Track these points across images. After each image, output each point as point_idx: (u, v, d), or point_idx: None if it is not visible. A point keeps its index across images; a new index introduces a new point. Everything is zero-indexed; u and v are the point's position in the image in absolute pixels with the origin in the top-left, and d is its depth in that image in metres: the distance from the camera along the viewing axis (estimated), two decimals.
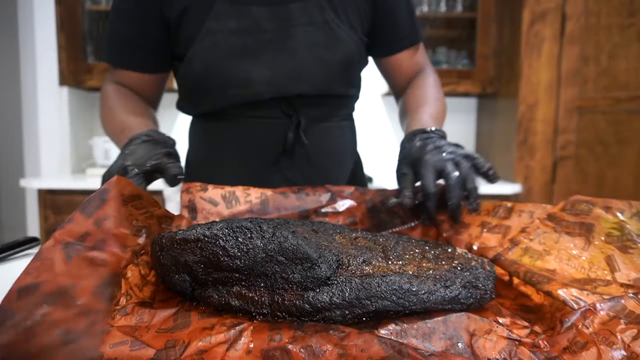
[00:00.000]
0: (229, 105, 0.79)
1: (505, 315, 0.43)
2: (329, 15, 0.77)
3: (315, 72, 0.78)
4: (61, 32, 2.12)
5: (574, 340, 0.35)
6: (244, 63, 0.76)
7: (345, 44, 0.79)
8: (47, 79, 2.18)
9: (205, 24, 0.74)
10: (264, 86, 0.76)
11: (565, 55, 1.99)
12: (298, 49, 0.76)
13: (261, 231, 0.40)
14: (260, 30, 0.75)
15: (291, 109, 0.80)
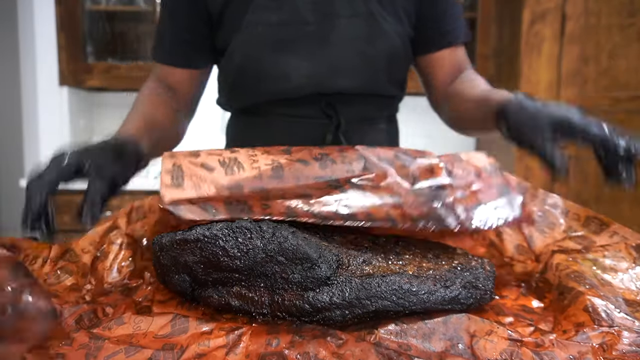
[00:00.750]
0: (267, 101, 0.77)
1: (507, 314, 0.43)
2: (374, 7, 0.73)
3: (356, 67, 0.74)
4: (61, 32, 2.12)
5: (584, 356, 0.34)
6: (283, 55, 0.73)
7: (390, 37, 0.74)
8: (47, 79, 2.18)
9: (246, 16, 0.73)
10: (303, 80, 0.73)
11: (565, 55, 1.99)
12: (340, 41, 0.73)
13: (261, 231, 0.40)
14: (301, 21, 0.73)
15: (331, 108, 0.76)
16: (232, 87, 0.80)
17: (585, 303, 0.41)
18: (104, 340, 0.36)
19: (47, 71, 2.17)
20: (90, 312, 0.40)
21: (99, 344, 0.35)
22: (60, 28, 2.11)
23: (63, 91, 2.19)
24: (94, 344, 0.35)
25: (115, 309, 0.41)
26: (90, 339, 0.36)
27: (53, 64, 2.16)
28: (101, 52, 2.24)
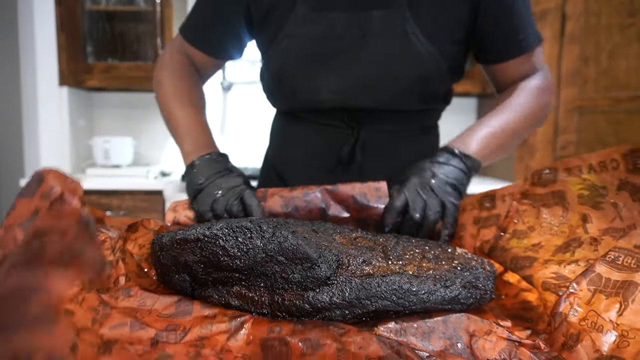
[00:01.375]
0: (297, 108, 0.81)
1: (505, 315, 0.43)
2: (410, 27, 0.72)
3: (383, 87, 0.74)
4: (61, 32, 2.12)
5: (568, 334, 0.35)
6: (314, 69, 0.75)
7: (422, 60, 0.72)
8: (47, 79, 2.18)
9: (284, 27, 0.75)
10: (329, 95, 0.75)
11: (565, 55, 1.99)
12: (370, 59, 0.73)
13: (261, 231, 0.40)
14: (335, 36, 0.73)
15: (354, 121, 0.77)
16: (267, 92, 0.84)
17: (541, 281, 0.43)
18: (111, 309, 0.36)
19: (47, 71, 2.18)
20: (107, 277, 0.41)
21: (107, 312, 0.36)
22: (60, 28, 2.11)
23: (63, 91, 2.19)
24: (102, 310, 0.36)
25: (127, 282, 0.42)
26: (99, 304, 0.36)
27: (53, 64, 2.16)
28: (101, 52, 2.24)
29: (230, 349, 0.34)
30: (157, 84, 0.83)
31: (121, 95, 2.44)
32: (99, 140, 2.19)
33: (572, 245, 0.46)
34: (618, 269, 0.37)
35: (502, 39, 0.75)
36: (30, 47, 2.20)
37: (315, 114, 0.79)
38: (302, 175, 0.81)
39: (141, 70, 2.14)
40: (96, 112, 2.46)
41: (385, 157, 0.80)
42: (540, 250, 0.48)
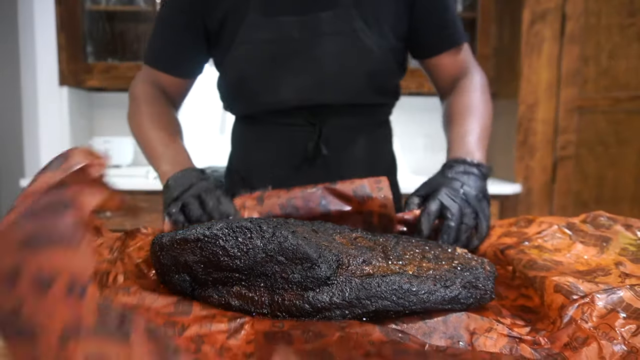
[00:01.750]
0: (258, 111, 0.82)
1: (505, 315, 0.43)
2: (358, 24, 0.77)
3: (339, 83, 0.78)
4: (61, 32, 2.12)
5: (574, 336, 0.35)
6: (273, 71, 0.78)
7: (372, 55, 0.78)
8: (47, 79, 2.18)
9: (238, 33, 0.77)
10: (290, 94, 0.78)
11: (565, 55, 1.99)
12: (324, 58, 0.77)
13: (261, 231, 0.40)
14: (289, 39, 0.77)
15: (315, 118, 0.81)
16: (227, 98, 0.86)
17: (554, 284, 0.43)
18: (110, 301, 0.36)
19: (47, 71, 2.18)
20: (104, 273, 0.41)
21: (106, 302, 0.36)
22: (60, 28, 2.11)
23: (63, 91, 2.19)
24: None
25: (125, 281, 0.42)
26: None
27: (53, 64, 2.16)
28: (101, 52, 2.24)
29: (230, 347, 0.34)
30: (130, 115, 0.84)
31: (121, 95, 2.43)
32: (99, 140, 2.19)
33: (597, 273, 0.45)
34: None
35: (433, 32, 0.82)
36: (30, 47, 2.20)
37: (276, 114, 0.82)
38: (269, 176, 0.83)
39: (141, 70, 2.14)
40: (96, 112, 2.46)
41: (349, 150, 0.84)
42: (560, 266, 0.48)
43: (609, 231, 0.52)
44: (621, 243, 0.50)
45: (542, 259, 0.50)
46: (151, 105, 0.83)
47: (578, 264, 0.48)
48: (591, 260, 0.48)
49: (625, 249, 0.49)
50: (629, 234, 0.50)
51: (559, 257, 0.50)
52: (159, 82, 0.86)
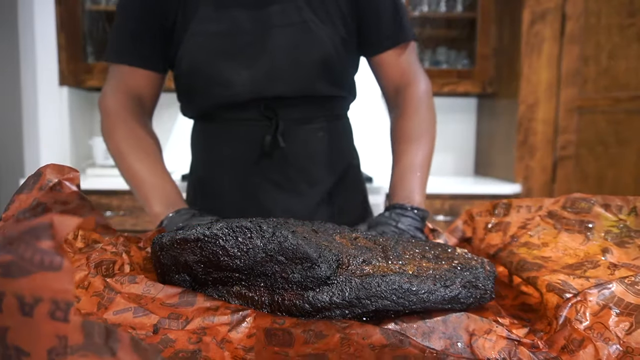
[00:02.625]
0: (213, 106, 0.81)
1: (504, 315, 0.43)
2: (308, 15, 0.78)
3: (292, 73, 0.78)
4: (61, 32, 2.12)
5: (570, 338, 0.35)
6: (224, 64, 0.77)
7: (323, 44, 0.78)
8: (47, 79, 2.18)
9: (190, 26, 0.77)
10: (243, 87, 0.78)
11: (565, 55, 1.99)
12: (276, 50, 0.77)
13: (261, 231, 0.40)
14: (240, 32, 0.77)
15: (271, 111, 0.80)
16: (182, 93, 0.85)
17: (546, 283, 0.43)
18: (116, 294, 0.37)
19: (47, 71, 2.18)
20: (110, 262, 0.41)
21: (112, 296, 0.37)
22: (60, 28, 2.11)
23: (63, 91, 2.19)
24: (107, 294, 0.37)
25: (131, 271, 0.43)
26: (104, 288, 0.37)
27: (53, 64, 2.16)
28: (101, 52, 2.24)
29: (231, 339, 0.35)
30: (106, 134, 0.81)
31: None
32: (99, 140, 2.19)
33: (586, 266, 0.45)
34: (635, 294, 0.37)
35: (377, 28, 0.82)
36: (30, 47, 2.20)
37: (231, 109, 0.81)
38: (229, 173, 0.83)
39: None
40: (96, 112, 2.46)
41: (306, 143, 0.84)
42: (550, 262, 0.48)
43: (589, 214, 0.52)
44: (604, 226, 0.50)
45: (532, 257, 0.50)
46: (128, 122, 0.80)
47: (567, 257, 0.48)
48: (579, 250, 0.48)
49: (609, 232, 0.49)
50: (609, 215, 0.51)
51: (547, 252, 0.50)
52: (130, 86, 0.83)
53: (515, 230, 0.56)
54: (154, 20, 0.80)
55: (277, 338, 0.34)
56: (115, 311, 0.35)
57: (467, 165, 2.53)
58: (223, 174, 0.84)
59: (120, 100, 0.82)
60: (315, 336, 0.34)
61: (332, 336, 0.34)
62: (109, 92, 0.84)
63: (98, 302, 0.36)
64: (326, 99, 0.84)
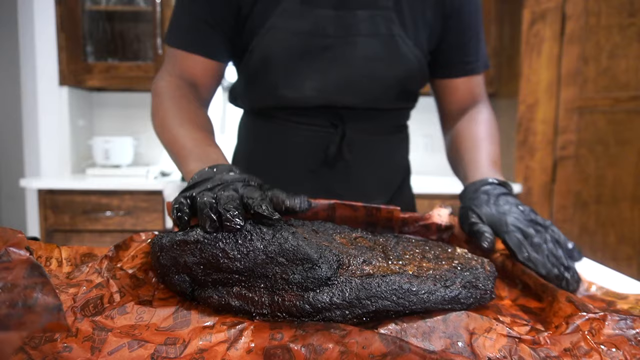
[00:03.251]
0: (276, 105, 0.77)
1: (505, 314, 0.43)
2: (396, 29, 0.73)
3: (367, 86, 0.75)
4: (61, 32, 2.12)
5: (577, 344, 0.35)
6: (298, 65, 0.73)
7: (407, 61, 0.74)
8: (47, 79, 2.18)
9: (270, 19, 0.72)
10: (313, 92, 0.74)
11: (565, 55, 1.99)
12: (355, 59, 0.73)
13: (261, 233, 0.40)
14: (321, 34, 0.72)
15: (338, 119, 0.77)
16: (246, 87, 0.79)
17: (567, 294, 0.43)
18: (107, 333, 0.36)
19: (47, 71, 2.18)
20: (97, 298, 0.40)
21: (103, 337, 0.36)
22: (60, 28, 2.11)
23: (63, 91, 2.19)
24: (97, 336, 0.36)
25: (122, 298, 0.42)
26: (94, 330, 0.36)
27: (53, 64, 2.16)
28: (101, 52, 2.24)
29: (230, 359, 0.34)
30: (153, 113, 0.73)
31: (121, 95, 2.44)
32: (99, 140, 2.19)
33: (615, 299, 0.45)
34: None
35: (457, 54, 0.79)
36: (30, 47, 2.20)
37: (295, 112, 0.77)
38: (282, 179, 0.76)
39: (141, 70, 2.14)
40: (96, 112, 2.46)
41: (370, 154, 0.80)
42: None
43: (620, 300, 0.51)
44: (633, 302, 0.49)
45: None
46: (177, 100, 0.72)
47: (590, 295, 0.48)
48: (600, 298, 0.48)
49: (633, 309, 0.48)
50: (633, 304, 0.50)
51: None
52: (186, 72, 0.76)
53: None
54: (227, 8, 0.74)
55: (277, 358, 0.34)
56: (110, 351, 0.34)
57: None
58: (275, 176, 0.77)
59: (171, 82, 0.75)
60: (314, 352, 0.34)
61: (332, 350, 0.34)
62: (162, 74, 0.77)
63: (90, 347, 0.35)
64: (394, 111, 0.81)
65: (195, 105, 0.72)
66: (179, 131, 0.66)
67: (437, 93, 0.85)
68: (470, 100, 0.82)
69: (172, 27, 0.76)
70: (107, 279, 0.43)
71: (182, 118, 0.68)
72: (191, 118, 0.69)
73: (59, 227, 1.98)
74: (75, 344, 0.35)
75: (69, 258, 0.47)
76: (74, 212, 1.97)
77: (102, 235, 1.99)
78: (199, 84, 0.77)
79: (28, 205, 2.30)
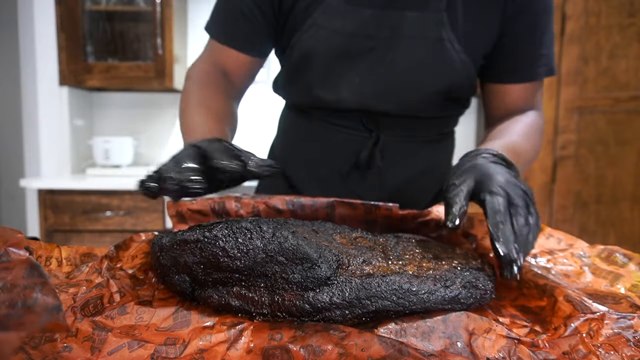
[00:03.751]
0: (311, 104, 0.75)
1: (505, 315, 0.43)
2: (446, 33, 0.67)
3: (407, 94, 0.70)
4: (61, 32, 2.12)
5: (575, 348, 0.35)
6: (337, 65, 0.70)
7: (455, 71, 0.69)
8: (47, 79, 2.18)
9: (313, 15, 0.69)
10: (349, 95, 0.71)
11: (565, 55, 1.99)
12: (398, 63, 0.69)
13: (261, 232, 0.40)
14: (365, 34, 0.69)
15: (373, 124, 0.73)
16: (287, 80, 0.77)
17: (565, 293, 0.43)
18: (107, 333, 0.36)
19: (47, 71, 2.18)
20: (97, 298, 0.40)
21: (103, 337, 0.36)
22: (60, 28, 2.11)
23: (63, 91, 2.19)
24: (97, 336, 0.36)
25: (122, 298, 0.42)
26: (93, 330, 0.36)
27: (53, 64, 2.16)
28: (101, 52, 2.25)
29: (230, 359, 0.34)
30: (182, 96, 0.74)
31: (121, 95, 2.44)
32: (99, 140, 2.19)
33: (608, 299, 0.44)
34: None
35: (517, 59, 0.72)
36: (30, 47, 2.20)
37: (329, 113, 0.75)
38: (312, 178, 0.76)
39: (141, 70, 2.14)
40: (96, 112, 2.46)
41: (404, 162, 0.76)
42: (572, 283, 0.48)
43: (622, 269, 0.51)
44: (632, 279, 0.49)
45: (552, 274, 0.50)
46: (204, 87, 0.72)
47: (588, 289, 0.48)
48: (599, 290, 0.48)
49: (636, 286, 0.48)
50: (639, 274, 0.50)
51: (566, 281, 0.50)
52: (221, 62, 0.75)
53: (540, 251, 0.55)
54: (268, 2, 0.71)
55: (276, 358, 0.34)
56: (110, 351, 0.34)
57: None
58: (306, 174, 0.77)
59: (204, 69, 0.75)
60: (313, 353, 0.34)
61: (331, 352, 0.34)
62: (199, 60, 0.77)
63: (90, 347, 0.35)
64: (436, 119, 0.76)
65: (221, 96, 0.72)
66: (193, 118, 0.66)
67: (486, 96, 0.78)
68: (520, 108, 0.74)
69: (212, 16, 0.76)
70: (107, 279, 0.43)
71: (201, 105, 0.68)
72: (210, 107, 0.69)
73: (59, 227, 1.98)
74: (75, 344, 0.35)
75: (69, 258, 0.47)
76: (74, 212, 1.97)
77: (102, 235, 1.99)
78: (232, 76, 0.76)
79: (28, 205, 2.30)
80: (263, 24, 0.73)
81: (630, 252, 0.53)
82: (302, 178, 0.77)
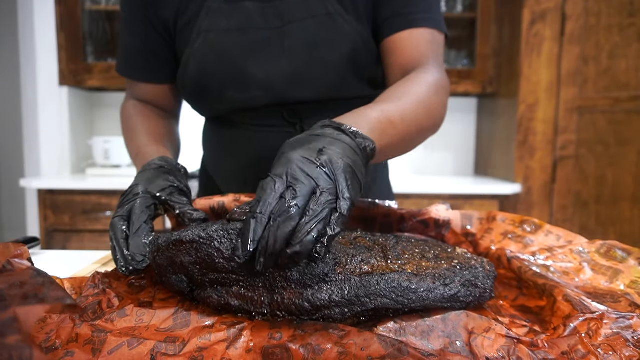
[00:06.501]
0: (227, 111, 0.73)
1: (504, 314, 0.43)
2: (332, 6, 0.68)
3: (316, 75, 0.69)
4: (61, 32, 2.12)
5: (575, 348, 0.35)
6: (238, 64, 0.69)
7: (350, 38, 0.68)
8: (47, 79, 2.18)
9: (197, 22, 0.69)
10: (259, 91, 0.69)
11: (565, 55, 1.99)
12: (296, 48, 0.68)
13: None
14: (254, 27, 0.68)
15: (295, 116, 0.72)
16: (192, 97, 0.75)
17: (564, 292, 0.43)
18: (106, 334, 0.36)
19: (47, 71, 2.18)
20: (95, 304, 0.40)
21: (102, 337, 0.36)
22: (60, 28, 2.11)
23: (63, 91, 2.19)
24: (97, 338, 0.36)
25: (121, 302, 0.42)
26: (93, 333, 0.36)
27: (53, 64, 2.16)
28: (101, 52, 2.25)
29: (230, 358, 0.34)
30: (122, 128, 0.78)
31: (121, 95, 2.44)
32: (99, 140, 2.19)
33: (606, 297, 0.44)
34: None
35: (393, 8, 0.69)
36: (30, 47, 2.20)
37: (249, 115, 0.72)
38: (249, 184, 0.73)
39: None
40: (96, 112, 2.46)
41: None
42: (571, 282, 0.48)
43: (621, 265, 0.51)
44: (632, 275, 0.49)
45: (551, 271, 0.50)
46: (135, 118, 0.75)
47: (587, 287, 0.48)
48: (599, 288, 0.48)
49: (635, 282, 0.48)
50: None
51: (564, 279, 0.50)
52: (141, 95, 0.79)
53: (539, 249, 0.55)
54: (155, 33, 0.73)
55: (275, 357, 0.34)
56: (110, 351, 0.34)
57: (467, 165, 2.53)
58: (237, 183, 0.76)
59: (132, 104, 0.79)
60: (313, 352, 0.34)
61: (331, 350, 0.34)
62: (126, 97, 0.82)
63: (92, 349, 0.35)
64: (358, 100, 0.72)
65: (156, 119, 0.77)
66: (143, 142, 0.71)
67: (382, 60, 0.73)
68: (414, 62, 0.68)
69: (118, 56, 0.79)
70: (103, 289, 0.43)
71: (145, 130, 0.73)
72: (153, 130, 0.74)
73: (59, 227, 1.98)
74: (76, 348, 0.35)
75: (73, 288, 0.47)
76: (73, 212, 1.97)
77: (102, 235, 1.99)
78: (157, 104, 0.80)
79: (28, 205, 2.30)
80: (161, 53, 0.75)
81: (629, 247, 0.53)
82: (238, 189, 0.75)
